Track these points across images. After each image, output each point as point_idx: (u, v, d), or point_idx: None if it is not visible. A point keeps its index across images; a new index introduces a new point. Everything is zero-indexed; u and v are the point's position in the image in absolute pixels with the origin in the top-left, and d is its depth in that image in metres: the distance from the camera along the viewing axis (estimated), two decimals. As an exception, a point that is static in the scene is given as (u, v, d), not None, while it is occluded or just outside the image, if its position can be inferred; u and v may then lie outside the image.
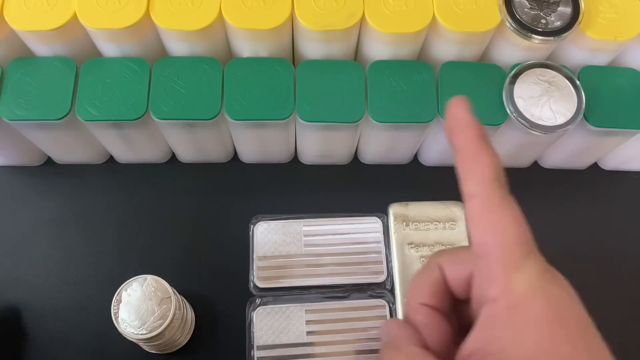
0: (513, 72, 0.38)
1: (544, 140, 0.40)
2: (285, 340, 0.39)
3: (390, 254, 0.41)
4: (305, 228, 0.42)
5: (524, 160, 0.46)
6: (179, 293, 0.37)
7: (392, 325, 0.24)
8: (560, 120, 0.37)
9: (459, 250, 0.25)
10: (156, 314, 0.34)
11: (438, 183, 0.45)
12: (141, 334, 0.33)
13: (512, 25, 0.36)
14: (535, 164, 0.47)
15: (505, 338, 0.20)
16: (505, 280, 0.20)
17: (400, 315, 0.40)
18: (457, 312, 0.25)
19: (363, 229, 0.42)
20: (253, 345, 0.38)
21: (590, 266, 0.43)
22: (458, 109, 0.22)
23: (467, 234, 0.22)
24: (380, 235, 0.42)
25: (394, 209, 0.42)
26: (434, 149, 0.43)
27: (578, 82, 0.38)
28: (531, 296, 0.20)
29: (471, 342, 0.21)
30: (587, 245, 0.44)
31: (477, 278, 0.23)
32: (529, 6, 0.37)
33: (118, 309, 0.34)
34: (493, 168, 0.21)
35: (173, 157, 0.45)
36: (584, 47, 0.39)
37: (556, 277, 0.21)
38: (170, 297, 0.35)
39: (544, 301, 0.20)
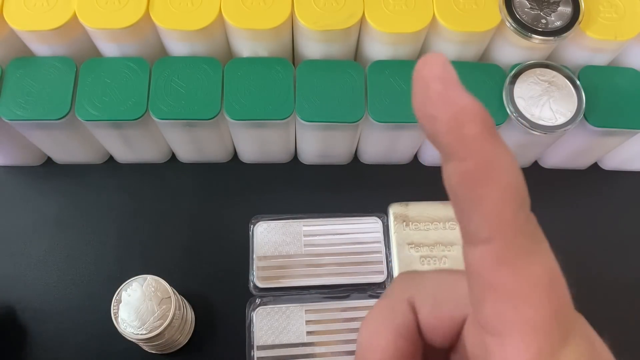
0: (513, 72, 0.38)
1: (544, 140, 0.40)
2: (285, 340, 0.39)
3: (390, 254, 0.41)
4: (305, 228, 0.42)
5: (524, 160, 0.46)
6: (179, 293, 0.37)
7: None
8: (561, 120, 0.37)
9: (442, 284, 0.17)
10: (156, 314, 0.34)
11: (438, 183, 0.44)
12: (141, 334, 0.33)
13: (512, 25, 0.36)
14: (535, 164, 0.47)
15: None
16: None
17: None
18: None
19: (363, 229, 0.42)
20: (253, 345, 0.38)
21: (591, 266, 0.43)
22: (440, 81, 0.13)
23: (470, 290, 0.14)
24: (380, 235, 0.42)
25: (394, 209, 0.42)
26: (434, 148, 0.43)
27: (578, 82, 0.38)
28: None
29: None
30: (587, 245, 0.44)
31: (477, 345, 0.15)
32: (529, 6, 0.37)
33: (118, 309, 0.34)
34: (515, 190, 0.13)
35: (173, 157, 0.45)
36: (584, 47, 0.39)
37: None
38: (170, 297, 0.35)
39: None
